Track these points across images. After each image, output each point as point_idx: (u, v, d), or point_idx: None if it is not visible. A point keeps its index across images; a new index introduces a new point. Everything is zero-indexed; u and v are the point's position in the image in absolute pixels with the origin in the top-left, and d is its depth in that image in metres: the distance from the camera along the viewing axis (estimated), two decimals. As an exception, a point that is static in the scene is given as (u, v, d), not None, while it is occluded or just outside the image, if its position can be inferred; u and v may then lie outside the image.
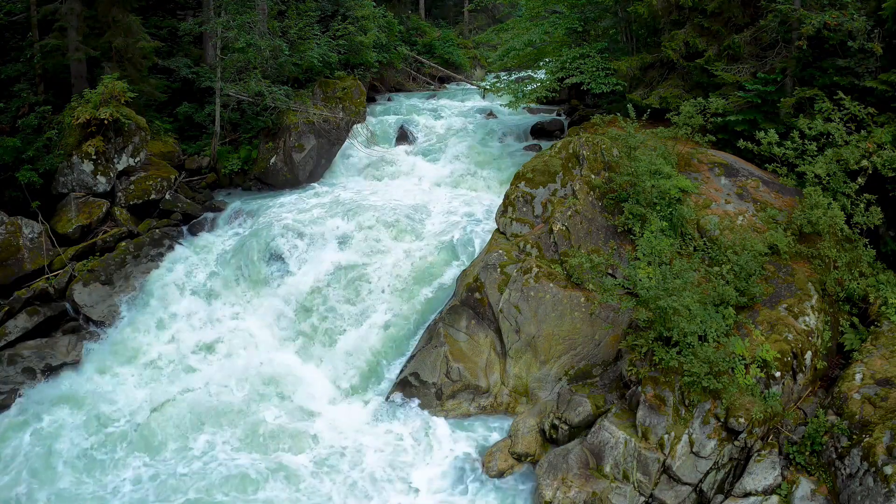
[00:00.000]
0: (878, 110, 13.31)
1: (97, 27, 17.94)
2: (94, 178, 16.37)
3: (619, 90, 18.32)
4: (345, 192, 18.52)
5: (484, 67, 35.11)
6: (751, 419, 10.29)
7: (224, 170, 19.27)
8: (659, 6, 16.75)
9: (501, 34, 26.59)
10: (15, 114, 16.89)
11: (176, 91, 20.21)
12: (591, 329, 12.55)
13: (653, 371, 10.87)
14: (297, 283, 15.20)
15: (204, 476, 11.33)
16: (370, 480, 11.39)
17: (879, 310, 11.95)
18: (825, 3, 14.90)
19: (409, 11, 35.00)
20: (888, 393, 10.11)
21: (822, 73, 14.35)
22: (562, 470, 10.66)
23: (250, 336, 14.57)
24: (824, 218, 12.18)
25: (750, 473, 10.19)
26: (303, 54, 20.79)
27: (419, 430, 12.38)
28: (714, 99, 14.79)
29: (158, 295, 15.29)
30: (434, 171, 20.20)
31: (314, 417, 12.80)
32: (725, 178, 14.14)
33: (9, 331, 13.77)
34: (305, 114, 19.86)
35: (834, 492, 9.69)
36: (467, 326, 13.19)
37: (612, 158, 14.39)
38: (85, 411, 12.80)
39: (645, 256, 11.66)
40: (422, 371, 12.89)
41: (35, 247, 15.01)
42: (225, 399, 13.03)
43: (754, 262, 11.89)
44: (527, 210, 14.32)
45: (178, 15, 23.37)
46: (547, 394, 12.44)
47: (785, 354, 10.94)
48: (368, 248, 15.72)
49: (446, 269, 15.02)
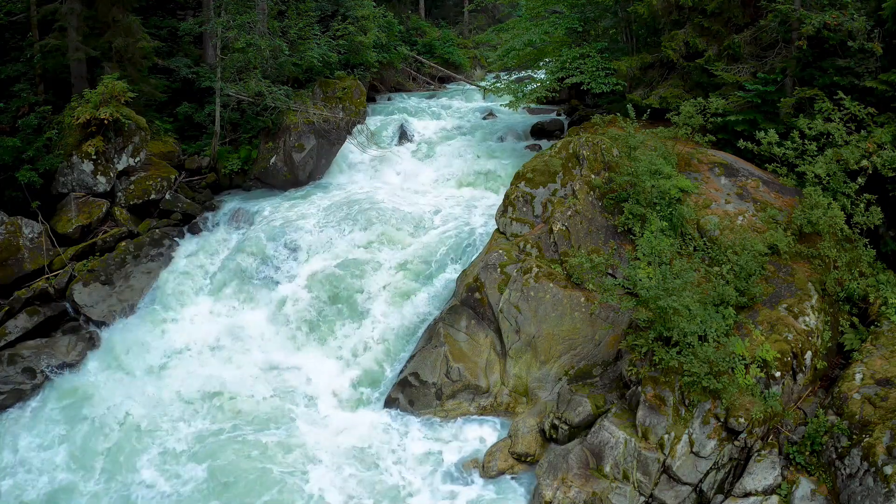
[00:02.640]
0: (878, 110, 13.31)
1: (97, 27, 17.93)
2: (94, 178, 16.38)
3: (619, 90, 18.33)
4: (345, 192, 18.52)
5: (484, 67, 35.12)
6: (751, 419, 10.29)
7: (224, 170, 19.27)
8: (659, 6, 16.75)
9: (501, 34, 26.60)
10: (15, 114, 16.88)
11: (176, 91, 20.21)
12: (591, 329, 12.55)
13: (653, 371, 10.87)
14: (297, 283, 15.21)
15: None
16: (371, 480, 11.41)
17: (879, 310, 11.94)
18: (825, 3, 14.90)
19: (409, 11, 35.01)
20: (888, 393, 10.11)
21: (822, 73, 14.35)
22: (562, 470, 10.66)
23: (250, 336, 14.57)
24: (824, 218, 12.18)
25: (750, 473, 10.19)
26: (303, 54, 20.79)
27: (419, 430, 12.39)
28: (714, 99, 14.79)
29: (158, 295, 15.29)
30: (434, 170, 20.20)
31: (312, 417, 12.81)
32: (725, 178, 14.14)
33: (9, 331, 13.78)
34: (305, 114, 19.85)
35: (834, 492, 9.69)
36: (467, 326, 13.19)
37: (612, 158, 14.39)
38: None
39: (645, 256, 11.65)
40: (422, 371, 12.89)
41: (35, 247, 15.01)
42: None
43: (754, 262, 11.89)
44: (527, 210, 14.32)
45: (178, 15, 23.37)
46: (547, 394, 12.44)
47: (785, 354, 10.94)
48: (368, 247, 15.73)
49: (446, 268, 15.02)
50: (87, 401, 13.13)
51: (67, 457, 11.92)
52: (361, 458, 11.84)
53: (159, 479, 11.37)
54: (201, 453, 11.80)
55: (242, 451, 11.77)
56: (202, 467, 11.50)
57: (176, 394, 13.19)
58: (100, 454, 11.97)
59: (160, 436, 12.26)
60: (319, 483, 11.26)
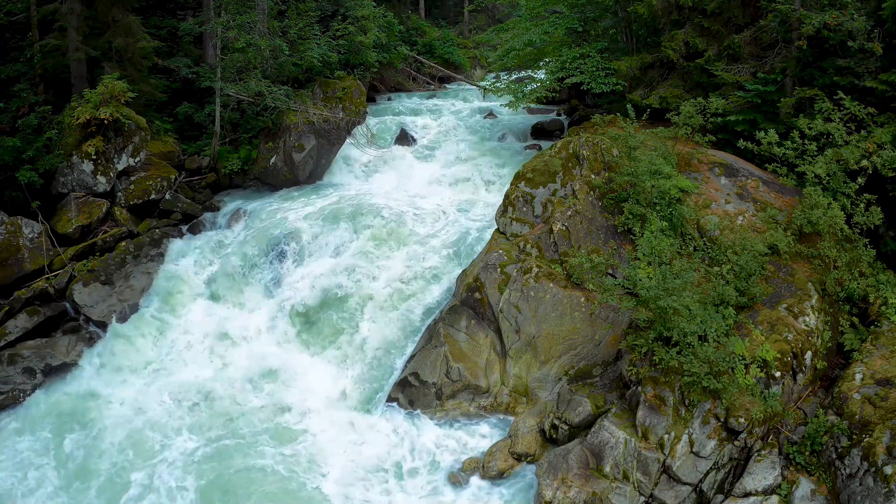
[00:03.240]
0: (878, 110, 13.31)
1: (97, 27, 17.92)
2: (94, 178, 16.37)
3: (619, 90, 18.32)
4: (345, 192, 18.52)
5: (484, 67, 35.11)
6: (751, 419, 10.29)
7: (224, 170, 19.27)
8: (659, 6, 16.75)
9: (501, 34, 26.60)
10: (15, 114, 16.88)
11: (176, 91, 20.21)
12: (591, 329, 12.55)
13: (653, 371, 10.87)
14: (297, 283, 15.19)
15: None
16: (370, 480, 11.40)
17: (879, 310, 11.94)
18: (825, 3, 14.90)
19: (409, 11, 35.01)
20: (888, 393, 10.11)
21: (822, 73, 14.35)
22: (562, 470, 10.65)
23: (248, 337, 14.56)
24: (824, 218, 12.18)
25: (750, 473, 10.18)
26: (303, 54, 20.78)
27: (418, 430, 12.39)
28: (714, 99, 14.79)
29: (158, 295, 15.28)
30: (434, 171, 20.19)
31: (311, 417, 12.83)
32: (725, 178, 14.14)
33: (9, 331, 13.77)
34: (305, 114, 19.84)
35: (834, 492, 9.69)
36: (467, 326, 13.19)
37: (612, 158, 14.39)
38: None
39: (645, 256, 11.66)
40: (422, 371, 12.89)
41: (35, 247, 15.00)
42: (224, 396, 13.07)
43: (754, 262, 11.89)
44: (527, 210, 14.32)
45: (178, 15, 23.37)
46: (547, 394, 12.44)
47: (785, 354, 10.94)
48: (368, 248, 15.71)
49: (446, 269, 15.01)
50: (86, 401, 13.14)
51: (62, 460, 11.92)
52: (361, 457, 11.85)
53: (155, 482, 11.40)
54: (198, 460, 11.82)
55: (239, 452, 11.80)
56: (193, 477, 11.51)
57: (172, 396, 13.19)
58: (98, 456, 11.97)
59: (156, 440, 12.23)
60: (315, 482, 11.26)
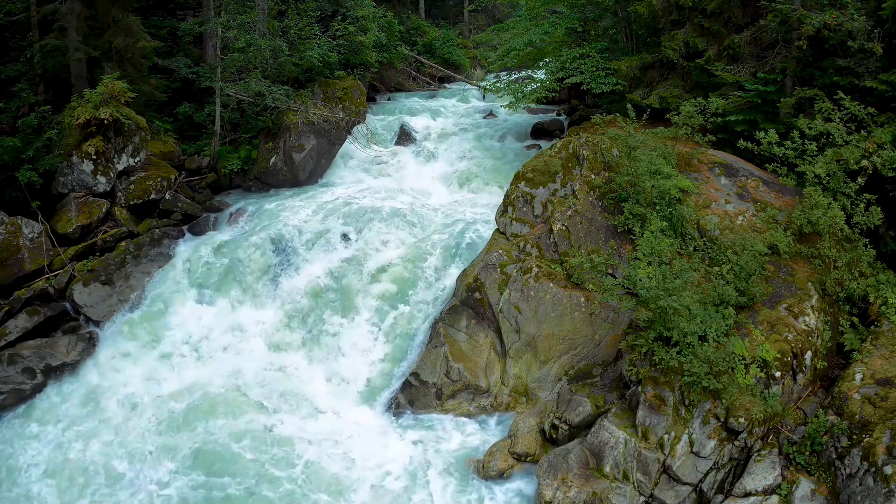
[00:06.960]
0: (878, 110, 13.30)
1: (97, 27, 17.91)
2: (94, 178, 16.37)
3: (619, 90, 18.32)
4: (345, 192, 18.51)
5: (484, 67, 35.11)
6: (751, 419, 10.29)
7: (224, 170, 19.28)
8: (659, 6, 16.75)
9: (501, 34, 26.63)
10: (15, 114, 16.87)
11: (176, 91, 20.21)
12: (591, 329, 12.55)
13: (653, 371, 10.86)
14: (297, 284, 15.20)
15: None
16: (370, 480, 11.40)
17: (879, 310, 11.94)
18: (825, 3, 14.89)
19: (409, 11, 34.99)
20: (888, 393, 10.11)
21: (822, 73, 14.35)
22: (562, 470, 10.65)
23: (248, 338, 14.56)
24: (824, 218, 12.18)
25: (750, 473, 10.18)
26: (303, 54, 20.79)
27: (419, 430, 12.39)
28: (714, 99, 14.80)
29: (158, 294, 15.28)
30: (433, 170, 20.21)
31: (311, 417, 12.82)
32: (725, 178, 14.14)
33: (9, 331, 13.76)
34: (305, 114, 19.85)
35: (834, 492, 9.69)
36: (467, 326, 13.19)
37: (612, 158, 14.39)
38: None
39: (645, 256, 11.66)
40: (422, 371, 12.89)
41: (35, 247, 15.00)
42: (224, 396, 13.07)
43: (754, 262, 11.89)
44: (527, 210, 14.32)
45: (178, 15, 23.36)
46: (547, 394, 12.44)
47: (785, 354, 10.94)
48: (368, 248, 15.72)
49: (446, 269, 15.02)
50: (85, 402, 13.14)
51: (59, 463, 11.92)
52: (360, 458, 11.84)
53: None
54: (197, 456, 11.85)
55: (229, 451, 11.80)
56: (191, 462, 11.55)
57: (172, 395, 13.20)
58: (96, 459, 11.98)
59: (154, 442, 12.23)
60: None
